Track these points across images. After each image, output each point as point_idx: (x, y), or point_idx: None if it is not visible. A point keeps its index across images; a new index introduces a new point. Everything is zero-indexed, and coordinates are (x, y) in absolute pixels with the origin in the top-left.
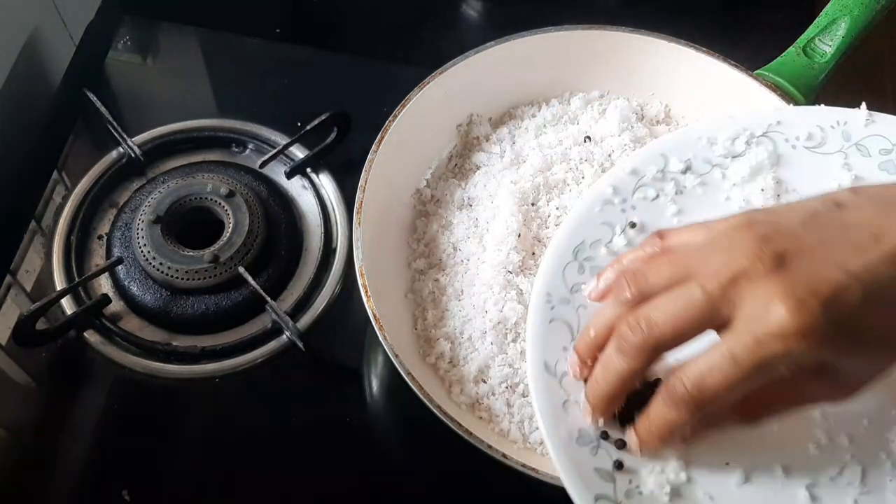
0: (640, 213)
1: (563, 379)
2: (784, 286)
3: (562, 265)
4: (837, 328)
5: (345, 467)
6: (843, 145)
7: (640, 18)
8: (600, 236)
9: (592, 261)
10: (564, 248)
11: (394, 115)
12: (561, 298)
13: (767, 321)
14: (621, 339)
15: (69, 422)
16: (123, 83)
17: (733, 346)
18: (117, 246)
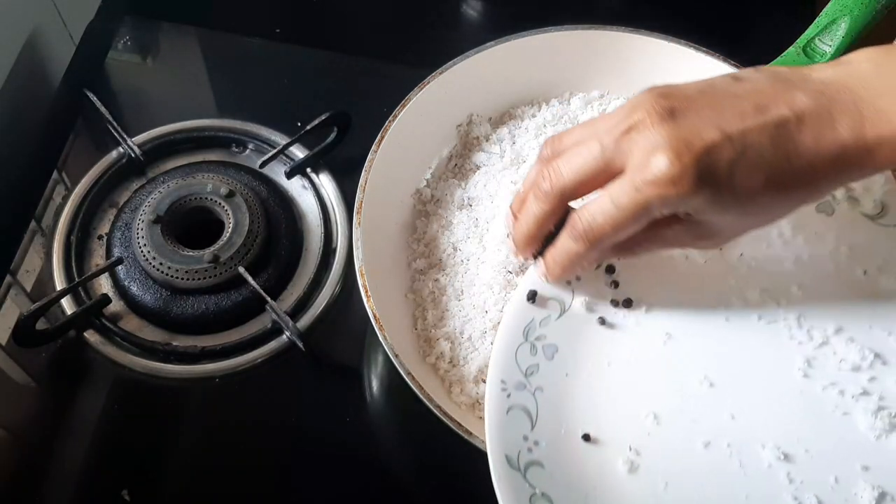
0: (585, 284)
1: (527, 471)
2: (666, 137)
3: (513, 348)
4: (706, 181)
5: (345, 467)
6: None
7: (640, 18)
8: (549, 313)
9: (544, 339)
10: (514, 331)
11: (394, 115)
12: (516, 384)
13: (646, 169)
14: (535, 188)
15: (69, 422)
16: (123, 83)
17: (616, 191)
18: (117, 246)
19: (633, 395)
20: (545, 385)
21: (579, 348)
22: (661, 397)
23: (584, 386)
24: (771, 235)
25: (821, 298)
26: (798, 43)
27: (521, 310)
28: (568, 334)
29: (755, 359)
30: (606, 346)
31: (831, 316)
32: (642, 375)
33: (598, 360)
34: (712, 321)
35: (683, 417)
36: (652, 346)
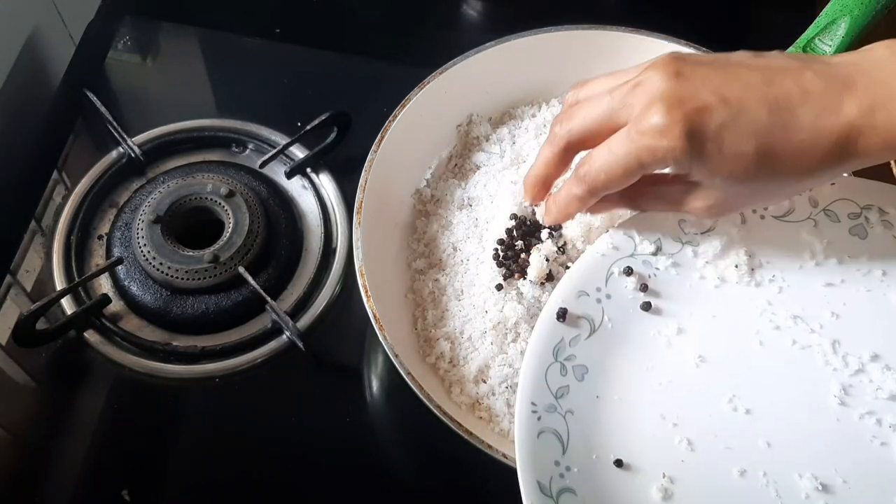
0: (616, 303)
1: (559, 498)
2: (665, 93)
3: (543, 368)
4: (693, 139)
5: (345, 467)
6: (811, 212)
7: (641, 18)
8: (579, 332)
9: (574, 359)
10: (543, 350)
11: (394, 115)
12: (547, 406)
13: (641, 122)
14: (550, 132)
15: (69, 422)
16: (123, 83)
17: (615, 141)
18: (117, 246)
19: (665, 420)
20: (576, 408)
21: (610, 369)
22: (695, 422)
23: (616, 409)
24: (803, 257)
25: (856, 324)
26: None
27: (550, 328)
28: (598, 354)
29: (790, 385)
30: (637, 367)
31: (867, 342)
32: (675, 399)
33: (629, 382)
34: (746, 345)
35: (718, 444)
36: (684, 370)
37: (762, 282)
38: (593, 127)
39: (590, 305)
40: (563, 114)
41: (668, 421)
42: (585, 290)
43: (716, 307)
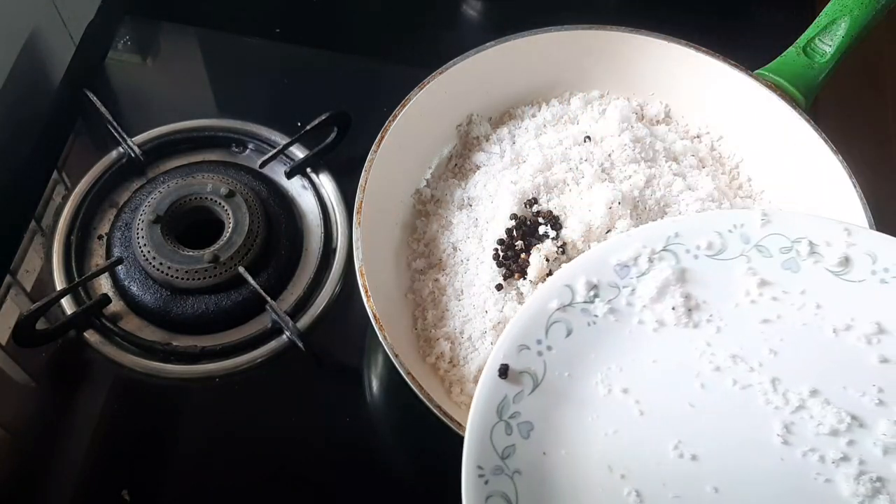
0: (557, 354)
1: None
2: None
3: (488, 429)
4: None
5: (345, 467)
6: (743, 248)
7: (640, 18)
8: (522, 387)
9: (519, 416)
10: (487, 409)
11: (394, 115)
12: (493, 468)
13: None
14: None
15: (69, 421)
16: (123, 83)
17: None
18: (117, 246)
19: (613, 472)
20: (523, 467)
21: (555, 424)
22: (642, 473)
23: (563, 464)
24: (738, 295)
25: (793, 360)
26: (798, 43)
27: (492, 386)
28: (543, 409)
29: (734, 427)
30: (582, 419)
31: (805, 377)
32: (621, 450)
33: (574, 436)
34: (687, 389)
35: (666, 492)
36: (629, 418)
37: (700, 322)
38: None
39: (531, 359)
40: None
41: (616, 473)
42: (526, 344)
43: (656, 352)
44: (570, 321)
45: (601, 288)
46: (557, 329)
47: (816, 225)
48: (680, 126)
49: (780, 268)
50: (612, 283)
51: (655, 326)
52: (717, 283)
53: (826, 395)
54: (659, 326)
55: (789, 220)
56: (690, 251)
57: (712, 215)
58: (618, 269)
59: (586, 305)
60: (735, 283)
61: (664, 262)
